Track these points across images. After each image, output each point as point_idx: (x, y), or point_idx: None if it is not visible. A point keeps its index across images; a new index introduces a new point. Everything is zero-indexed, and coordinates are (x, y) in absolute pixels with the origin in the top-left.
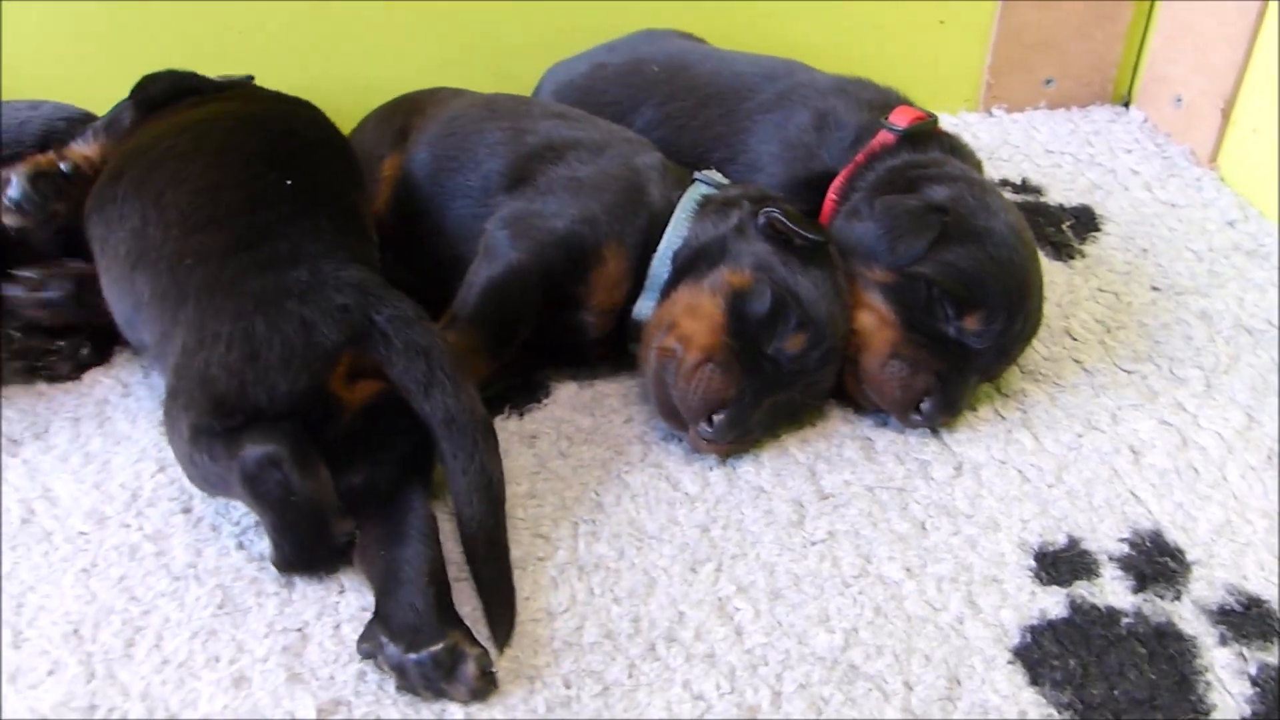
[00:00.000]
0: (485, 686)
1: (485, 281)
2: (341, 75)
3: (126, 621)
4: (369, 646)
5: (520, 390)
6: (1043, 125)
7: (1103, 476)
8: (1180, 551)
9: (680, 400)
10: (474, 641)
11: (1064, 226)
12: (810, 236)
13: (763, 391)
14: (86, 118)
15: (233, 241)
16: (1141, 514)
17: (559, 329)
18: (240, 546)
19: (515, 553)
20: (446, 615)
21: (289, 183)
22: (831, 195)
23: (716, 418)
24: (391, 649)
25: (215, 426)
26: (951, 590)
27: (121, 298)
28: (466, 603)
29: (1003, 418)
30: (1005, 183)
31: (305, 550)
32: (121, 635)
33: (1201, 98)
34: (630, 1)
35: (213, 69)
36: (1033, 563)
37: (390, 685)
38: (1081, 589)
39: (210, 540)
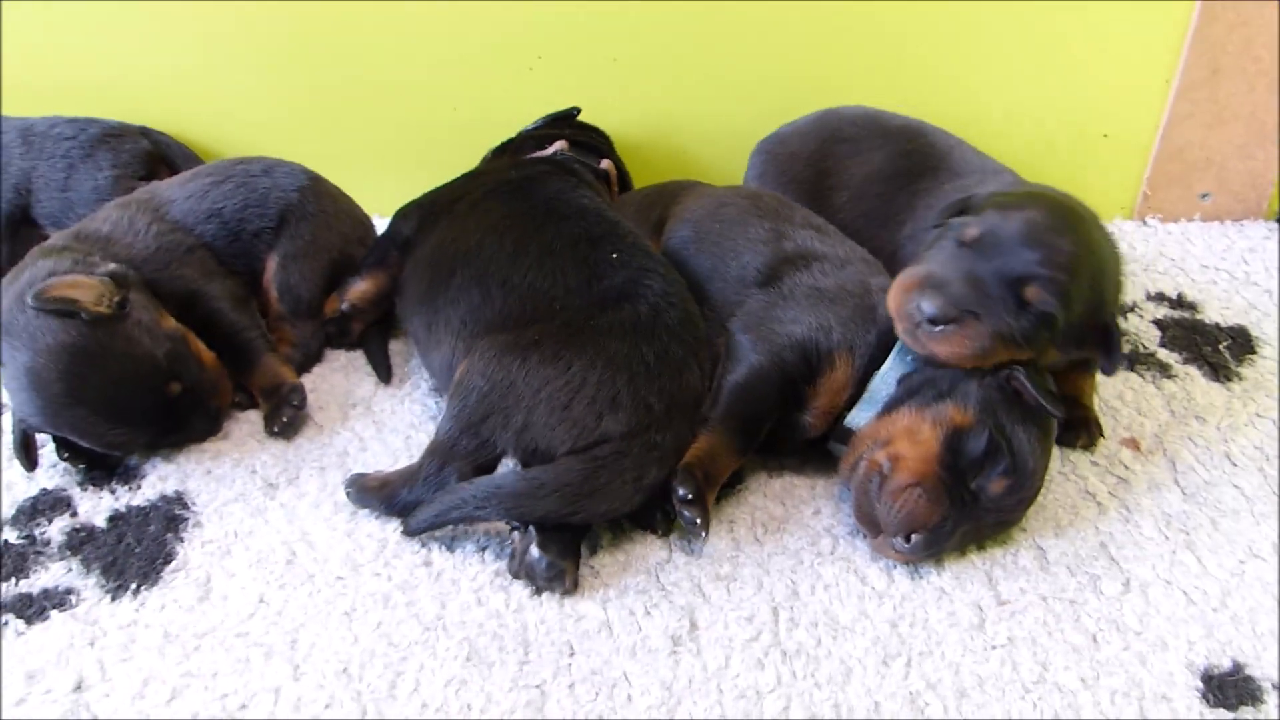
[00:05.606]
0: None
1: (730, 385)
2: None
3: (388, 665)
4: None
5: None
6: (1197, 238)
7: (1265, 606)
8: None
9: (883, 514)
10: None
11: (1221, 347)
12: (1051, 410)
13: (959, 520)
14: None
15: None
16: None
17: (779, 427)
18: (479, 603)
19: (722, 631)
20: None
21: (614, 255)
22: None
23: (915, 537)
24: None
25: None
26: (1125, 704)
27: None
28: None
29: (1166, 538)
30: (1161, 296)
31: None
32: (385, 677)
33: None
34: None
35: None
36: (1200, 683)
37: None
38: (1248, 714)
39: (452, 594)
